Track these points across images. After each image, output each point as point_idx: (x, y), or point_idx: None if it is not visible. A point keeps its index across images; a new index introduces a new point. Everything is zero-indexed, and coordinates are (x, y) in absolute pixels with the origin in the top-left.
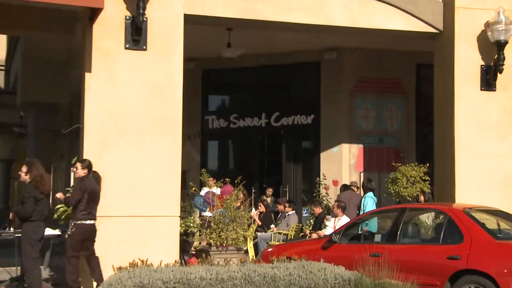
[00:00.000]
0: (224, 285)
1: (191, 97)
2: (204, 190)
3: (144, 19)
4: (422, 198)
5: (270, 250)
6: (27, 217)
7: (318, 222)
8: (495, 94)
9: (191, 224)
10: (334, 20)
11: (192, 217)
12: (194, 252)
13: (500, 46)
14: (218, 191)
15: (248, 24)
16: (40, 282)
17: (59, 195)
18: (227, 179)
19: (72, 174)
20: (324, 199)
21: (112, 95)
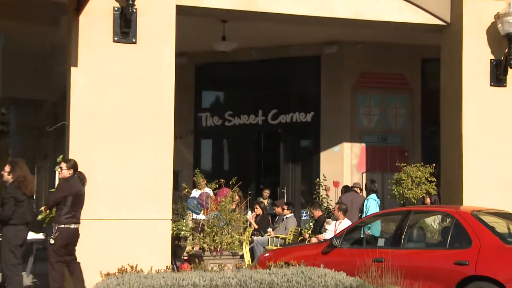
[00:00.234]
0: None
1: (183, 93)
2: (194, 192)
3: (134, 10)
4: (428, 200)
5: (267, 255)
6: (6, 219)
7: (318, 226)
8: (506, 90)
9: (184, 228)
10: (337, 12)
11: (184, 220)
12: (186, 257)
13: (511, 39)
14: (210, 192)
15: (244, 16)
16: None
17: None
18: (222, 180)
19: (56, 175)
20: (324, 201)
21: (100, 91)
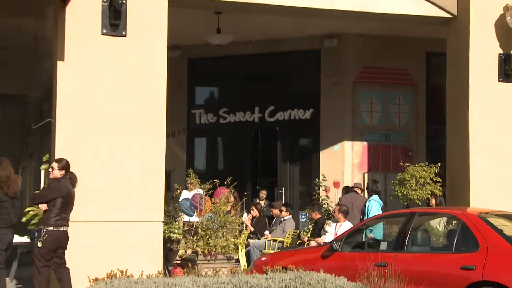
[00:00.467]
0: None
1: (175, 89)
2: (185, 193)
3: (124, 1)
4: (433, 202)
5: (264, 259)
6: None
7: (317, 228)
8: None
9: (176, 230)
10: (338, 4)
11: (177, 222)
12: (179, 261)
13: None
14: (201, 193)
15: (240, 7)
16: None
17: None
18: (216, 180)
19: (42, 175)
20: (324, 202)
21: (88, 86)
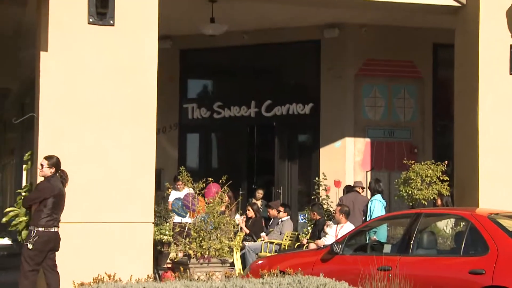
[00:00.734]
0: None
1: (166, 82)
2: (173, 194)
3: None
4: (439, 202)
5: (260, 262)
6: None
7: (317, 230)
8: None
9: (167, 232)
10: None
11: (168, 223)
12: (170, 265)
13: None
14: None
15: None
16: None
17: None
18: (210, 179)
19: (24, 173)
20: (324, 202)
21: (73, 78)
